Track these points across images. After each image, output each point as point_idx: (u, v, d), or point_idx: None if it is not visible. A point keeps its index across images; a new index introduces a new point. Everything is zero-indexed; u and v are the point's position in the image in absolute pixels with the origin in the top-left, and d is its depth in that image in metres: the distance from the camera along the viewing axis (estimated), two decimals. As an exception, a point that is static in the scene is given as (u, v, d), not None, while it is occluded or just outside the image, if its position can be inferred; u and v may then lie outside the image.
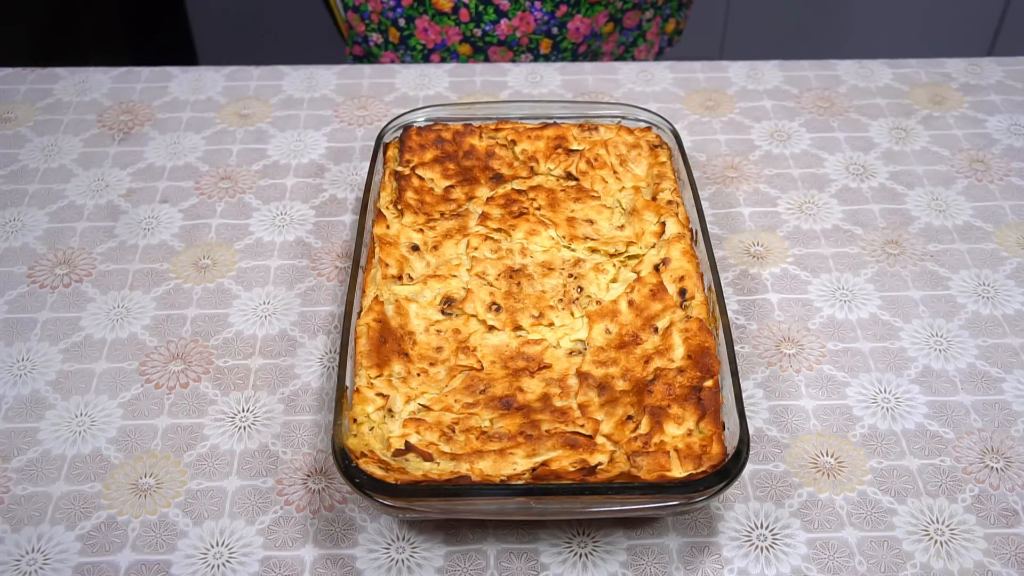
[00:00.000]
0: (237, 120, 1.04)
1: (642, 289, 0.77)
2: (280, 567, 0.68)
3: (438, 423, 0.69)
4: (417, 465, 0.66)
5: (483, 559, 0.68)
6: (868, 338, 0.82)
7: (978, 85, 1.09)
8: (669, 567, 0.68)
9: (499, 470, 0.66)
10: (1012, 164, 0.99)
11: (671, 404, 0.69)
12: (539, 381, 0.73)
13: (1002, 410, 0.77)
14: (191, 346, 0.82)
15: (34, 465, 0.73)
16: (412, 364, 0.74)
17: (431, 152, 0.89)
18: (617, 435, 0.69)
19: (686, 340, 0.73)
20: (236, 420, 0.76)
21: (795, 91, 1.08)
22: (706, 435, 0.67)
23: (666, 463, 0.65)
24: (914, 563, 0.68)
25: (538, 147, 0.90)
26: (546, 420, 0.70)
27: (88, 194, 0.96)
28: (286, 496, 0.72)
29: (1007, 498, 0.71)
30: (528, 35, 1.17)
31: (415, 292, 0.78)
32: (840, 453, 0.74)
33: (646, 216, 0.83)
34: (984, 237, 0.91)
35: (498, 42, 1.17)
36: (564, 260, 0.81)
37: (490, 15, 1.15)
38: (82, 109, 1.06)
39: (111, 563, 0.68)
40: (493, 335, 0.76)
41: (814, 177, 0.98)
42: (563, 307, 0.78)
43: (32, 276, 0.87)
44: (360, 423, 0.69)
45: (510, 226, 0.83)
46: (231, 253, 0.90)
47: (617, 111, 0.92)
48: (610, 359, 0.74)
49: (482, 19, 1.16)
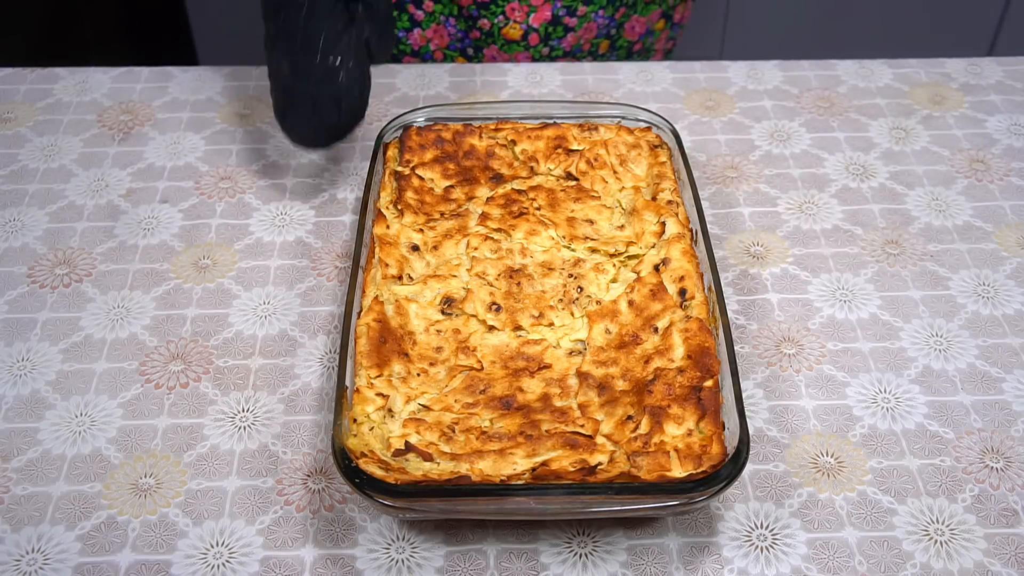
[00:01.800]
0: (237, 120, 1.04)
1: (642, 289, 0.77)
2: (280, 567, 0.68)
3: (438, 423, 0.69)
4: (417, 465, 0.66)
5: (483, 559, 0.68)
6: (868, 338, 0.82)
7: (978, 85, 1.09)
8: (669, 567, 0.68)
9: (499, 470, 0.66)
10: (1012, 164, 0.99)
11: (671, 404, 0.69)
12: (539, 381, 0.73)
13: (1002, 410, 0.77)
14: (191, 346, 0.82)
15: (34, 465, 0.73)
16: (412, 364, 0.74)
17: (431, 152, 0.90)
18: (617, 435, 0.69)
19: (686, 340, 0.73)
20: (236, 420, 0.76)
21: (795, 91, 1.08)
22: (706, 435, 0.67)
23: (666, 463, 0.65)
24: (914, 563, 0.68)
25: (538, 147, 0.90)
26: (546, 420, 0.70)
27: (88, 194, 0.96)
28: (286, 496, 0.72)
29: (1007, 498, 0.71)
30: (590, 40, 1.18)
31: (415, 292, 0.78)
32: (840, 453, 0.74)
33: (646, 216, 0.83)
34: (984, 237, 0.91)
35: (564, 54, 1.19)
36: (564, 260, 0.81)
37: (558, 32, 1.16)
38: (82, 109, 1.06)
39: (111, 563, 0.68)
40: (493, 335, 0.76)
41: (814, 177, 0.98)
42: (563, 307, 0.78)
43: (32, 276, 0.87)
44: (360, 423, 0.69)
45: (510, 226, 0.83)
46: (231, 253, 0.90)
47: (617, 111, 0.92)
48: (610, 359, 0.74)
49: (550, 38, 1.16)
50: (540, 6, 1.10)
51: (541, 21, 1.12)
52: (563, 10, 1.13)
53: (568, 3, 1.13)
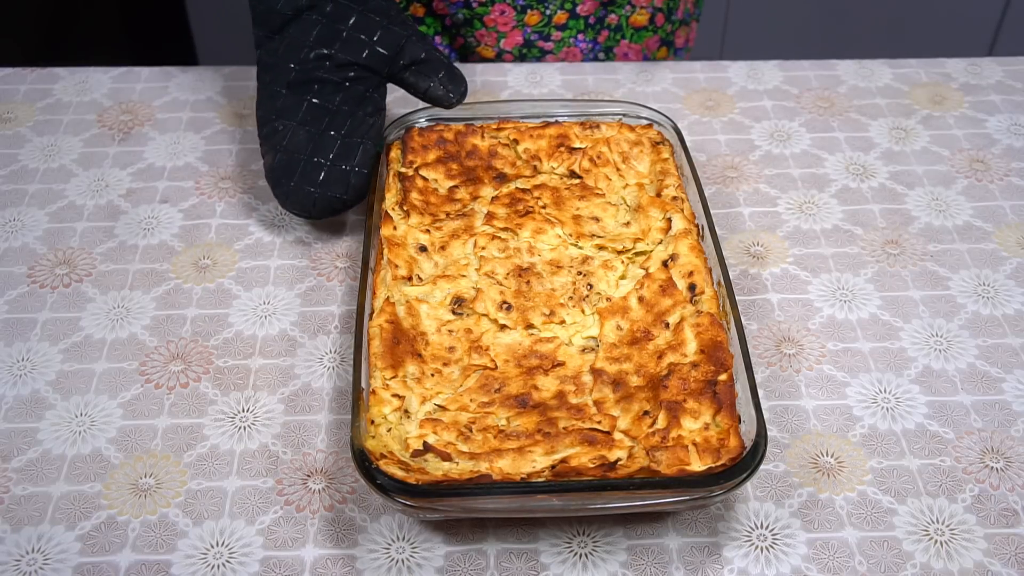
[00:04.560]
0: (237, 120, 1.04)
1: (651, 285, 0.78)
2: (280, 567, 0.68)
3: (455, 423, 0.70)
4: (436, 465, 0.66)
5: (483, 559, 0.68)
6: (868, 338, 0.82)
7: (978, 85, 1.09)
8: (669, 567, 0.68)
9: (518, 468, 0.66)
10: (1012, 164, 0.99)
11: (687, 399, 0.69)
12: (553, 379, 0.73)
13: (1002, 410, 0.77)
14: (191, 346, 0.82)
15: (34, 465, 0.73)
16: (426, 364, 0.74)
17: (434, 153, 0.90)
18: (634, 431, 0.69)
19: (698, 335, 0.73)
20: (236, 420, 0.76)
21: (795, 91, 1.08)
22: (723, 428, 0.68)
23: (685, 457, 0.66)
24: (914, 563, 0.68)
25: (540, 146, 0.90)
26: (563, 417, 0.70)
27: (88, 194, 0.96)
28: (286, 496, 0.72)
29: (1007, 498, 0.71)
30: None
31: (425, 293, 0.78)
32: (840, 453, 0.74)
33: (651, 212, 0.83)
34: (984, 237, 0.91)
35: None
36: (572, 258, 0.81)
37: (535, 53, 1.14)
38: (82, 109, 1.06)
39: (111, 563, 0.68)
40: (505, 334, 0.76)
41: (814, 177, 0.98)
42: (573, 304, 0.78)
43: (32, 276, 0.87)
44: (378, 424, 0.69)
45: (516, 225, 0.83)
46: (231, 253, 0.90)
47: (619, 109, 0.92)
48: (623, 355, 0.74)
49: (526, 59, 1.15)
50: (509, 32, 1.08)
51: (513, 45, 1.11)
52: (535, 35, 1.12)
53: (539, 28, 1.11)
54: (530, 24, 1.08)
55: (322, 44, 0.87)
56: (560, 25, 1.11)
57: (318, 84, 0.87)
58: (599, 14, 1.10)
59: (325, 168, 0.86)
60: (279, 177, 0.87)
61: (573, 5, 1.11)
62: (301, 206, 0.87)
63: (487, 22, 1.07)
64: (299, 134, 0.86)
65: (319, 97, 0.87)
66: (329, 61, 0.87)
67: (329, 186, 0.86)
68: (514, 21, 1.07)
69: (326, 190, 0.86)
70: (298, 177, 0.86)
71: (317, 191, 0.86)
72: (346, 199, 0.87)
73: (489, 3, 1.06)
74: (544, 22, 1.08)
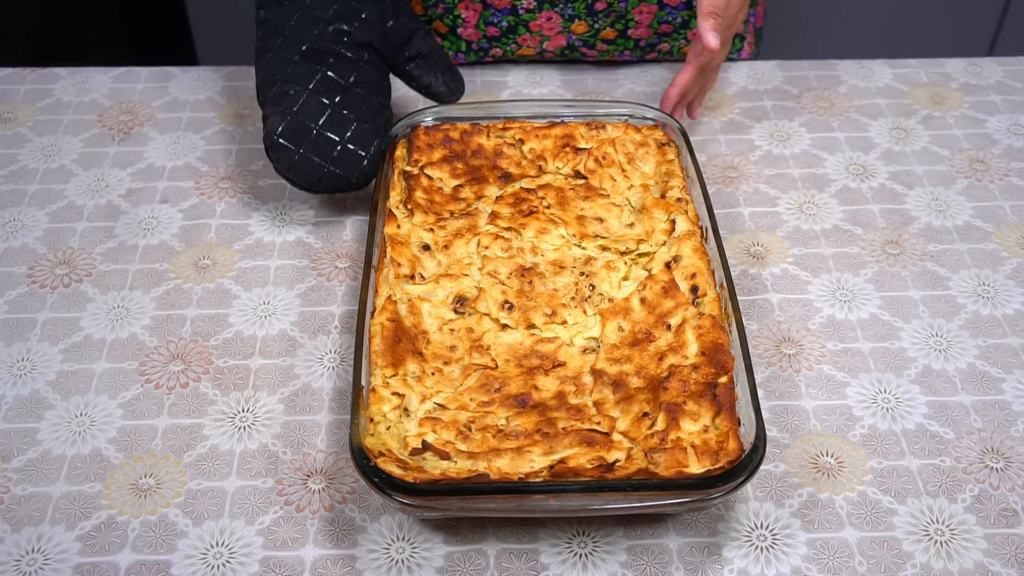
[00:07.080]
0: (237, 120, 1.04)
1: (654, 286, 0.78)
2: (280, 567, 0.68)
3: (454, 422, 0.70)
4: (435, 464, 0.66)
5: (483, 559, 0.68)
6: (868, 338, 0.82)
7: (978, 85, 1.09)
8: (669, 567, 0.68)
9: (517, 468, 0.66)
10: (1012, 164, 0.99)
11: (686, 400, 0.69)
12: (554, 379, 0.73)
13: (1002, 410, 0.77)
14: (191, 346, 0.82)
15: (34, 465, 0.73)
16: (426, 363, 0.74)
17: (439, 151, 0.90)
18: (633, 432, 0.69)
19: (699, 337, 0.73)
20: (236, 420, 0.76)
21: (795, 91, 1.08)
22: (722, 431, 0.67)
23: (684, 459, 0.66)
24: (914, 563, 0.68)
25: (546, 146, 0.90)
26: (562, 418, 0.70)
27: (88, 194, 0.96)
28: (286, 496, 0.72)
29: (1007, 498, 0.71)
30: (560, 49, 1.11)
31: (427, 291, 0.78)
32: (840, 453, 0.74)
33: (655, 214, 0.83)
34: (984, 237, 0.91)
35: None
36: (575, 258, 0.81)
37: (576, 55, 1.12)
38: (82, 109, 1.06)
39: (111, 563, 0.68)
40: (506, 333, 0.76)
41: (814, 177, 0.98)
42: (575, 305, 0.78)
43: (32, 276, 0.87)
44: (377, 422, 0.69)
45: (520, 225, 0.83)
46: (231, 253, 0.90)
47: (624, 109, 0.92)
48: (624, 356, 0.74)
49: None
50: (554, 36, 1.07)
51: (556, 47, 1.10)
52: (579, 42, 1.10)
53: (585, 37, 1.08)
54: (576, 32, 1.07)
55: (341, 20, 0.87)
56: (608, 40, 1.09)
57: (333, 58, 0.87)
58: (651, 40, 1.09)
59: (339, 147, 0.86)
60: (285, 143, 0.86)
61: (625, 27, 1.08)
62: (306, 177, 0.87)
63: (532, 27, 1.06)
64: (312, 102, 0.86)
65: (334, 71, 0.87)
66: (347, 38, 0.87)
67: (341, 165, 0.86)
68: (560, 27, 1.06)
69: (336, 168, 0.86)
70: (308, 146, 0.86)
71: (327, 167, 0.86)
72: (352, 182, 0.88)
73: (536, 9, 1.05)
74: (591, 33, 1.07)
